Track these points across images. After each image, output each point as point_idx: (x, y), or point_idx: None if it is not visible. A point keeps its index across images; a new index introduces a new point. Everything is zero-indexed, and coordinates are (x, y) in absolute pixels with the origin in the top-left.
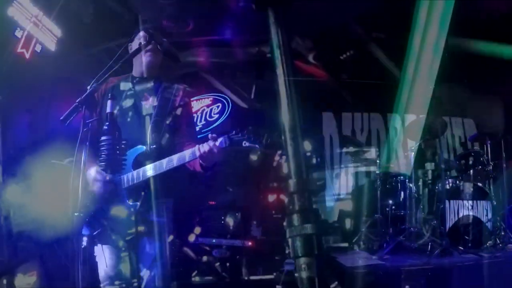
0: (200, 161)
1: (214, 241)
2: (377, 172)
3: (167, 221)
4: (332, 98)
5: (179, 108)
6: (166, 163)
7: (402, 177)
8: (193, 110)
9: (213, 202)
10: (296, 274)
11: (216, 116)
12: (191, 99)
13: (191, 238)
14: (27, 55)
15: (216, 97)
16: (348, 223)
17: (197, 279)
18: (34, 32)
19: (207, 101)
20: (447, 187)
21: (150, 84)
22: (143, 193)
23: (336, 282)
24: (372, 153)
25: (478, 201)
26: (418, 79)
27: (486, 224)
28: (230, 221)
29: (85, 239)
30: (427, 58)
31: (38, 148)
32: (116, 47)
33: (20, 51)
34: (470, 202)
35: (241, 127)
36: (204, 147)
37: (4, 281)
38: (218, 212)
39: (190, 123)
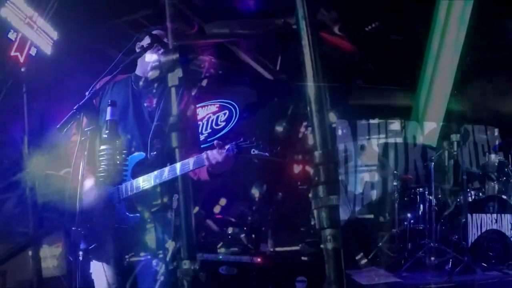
0: (209, 168)
1: (239, 212)
2: (395, 183)
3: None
4: (358, 69)
5: (183, 113)
6: (168, 172)
7: (421, 189)
8: (198, 117)
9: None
10: (321, 246)
11: (223, 124)
12: (197, 105)
13: (217, 209)
14: (21, 59)
15: (223, 103)
16: (373, 195)
17: (222, 250)
18: (29, 34)
19: (213, 107)
20: (469, 199)
21: (153, 86)
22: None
23: (362, 254)
24: (396, 124)
25: (503, 215)
26: (436, 82)
27: (511, 238)
28: (255, 192)
29: (81, 253)
30: (446, 61)
31: (61, 119)
32: (141, 19)
33: (14, 54)
34: (494, 215)
35: (249, 134)
36: (214, 154)
37: (30, 253)
38: (244, 183)
39: (195, 130)
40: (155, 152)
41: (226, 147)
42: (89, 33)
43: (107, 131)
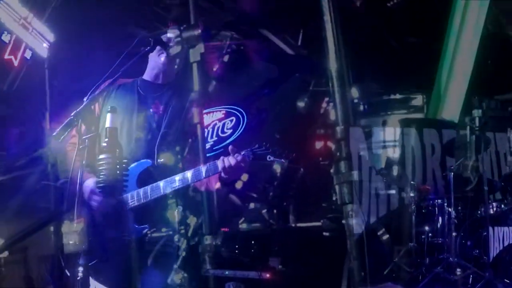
0: (223, 174)
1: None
2: (412, 194)
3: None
4: (380, 45)
5: (192, 119)
6: (179, 180)
7: (440, 201)
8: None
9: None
10: (343, 221)
11: (229, 131)
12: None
13: (238, 185)
14: (16, 62)
15: (229, 110)
16: (395, 170)
17: (244, 226)
18: (24, 36)
19: (219, 114)
20: (491, 211)
21: (161, 91)
22: None
23: (383, 229)
24: (419, 99)
25: None
26: (458, 57)
27: None
28: (277, 168)
29: (80, 269)
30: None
31: (83, 96)
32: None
33: (8, 57)
34: None
35: (264, 141)
36: (230, 161)
37: (52, 228)
38: (266, 160)
39: (202, 137)
40: (162, 160)
41: (242, 153)
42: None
43: (106, 139)
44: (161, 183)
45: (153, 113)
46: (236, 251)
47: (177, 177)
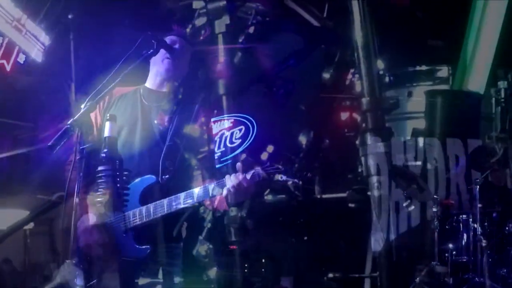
0: (231, 195)
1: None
2: (435, 209)
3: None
4: (405, 16)
5: (199, 132)
6: (184, 198)
7: (464, 216)
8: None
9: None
10: (368, 193)
11: (238, 141)
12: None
13: (264, 156)
14: (8, 67)
15: (238, 118)
16: (421, 141)
17: (269, 197)
18: (17, 39)
19: (228, 123)
20: None
21: (166, 100)
22: None
23: (409, 201)
24: (444, 71)
25: None
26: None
27: None
28: (303, 139)
29: None
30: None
31: (108, 68)
32: None
33: None
34: None
35: (275, 158)
36: (233, 181)
37: (76, 200)
38: (292, 129)
39: (211, 149)
40: (167, 176)
41: (251, 171)
42: None
43: (105, 150)
44: (165, 201)
45: (157, 125)
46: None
47: (183, 195)
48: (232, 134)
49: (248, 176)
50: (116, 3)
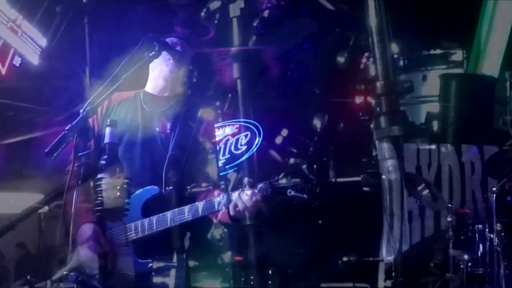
0: (235, 210)
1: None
2: (449, 219)
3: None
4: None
5: (204, 140)
6: (188, 212)
7: (480, 226)
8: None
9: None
10: (383, 176)
11: (244, 148)
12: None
13: (278, 140)
14: (3, 71)
15: (244, 124)
16: (435, 125)
17: (283, 181)
18: (12, 41)
19: (233, 128)
20: None
21: (168, 105)
22: None
23: (424, 184)
24: (459, 55)
25: None
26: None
27: None
28: (317, 123)
29: None
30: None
31: (123, 52)
32: None
33: None
34: None
35: (284, 172)
36: (241, 196)
37: (92, 183)
38: (306, 114)
39: (214, 160)
40: (171, 187)
41: (259, 186)
42: None
43: (105, 157)
44: (169, 214)
45: (159, 132)
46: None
47: (187, 208)
48: (237, 140)
49: (256, 190)
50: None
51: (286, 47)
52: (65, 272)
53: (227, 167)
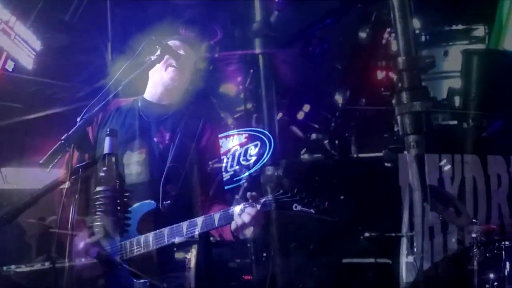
0: (236, 227)
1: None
2: (474, 235)
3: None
4: None
5: (205, 151)
6: (187, 228)
7: (508, 243)
8: (222, 150)
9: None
10: (405, 152)
11: (253, 158)
12: (219, 135)
13: (300, 115)
14: None
15: (253, 133)
16: (457, 101)
17: (305, 156)
18: (4, 43)
19: (241, 138)
20: None
21: (168, 114)
22: None
23: (447, 198)
24: (480, 30)
25: None
26: None
27: None
28: (339, 98)
29: None
30: None
31: (147, 26)
32: None
33: None
34: None
35: (290, 185)
36: (246, 210)
37: (113, 159)
38: (328, 90)
39: (218, 173)
40: (168, 201)
41: (262, 201)
42: None
43: (104, 168)
44: (166, 231)
45: (157, 143)
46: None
47: (185, 225)
48: (246, 150)
49: (259, 206)
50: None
51: (308, 22)
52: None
53: (235, 179)
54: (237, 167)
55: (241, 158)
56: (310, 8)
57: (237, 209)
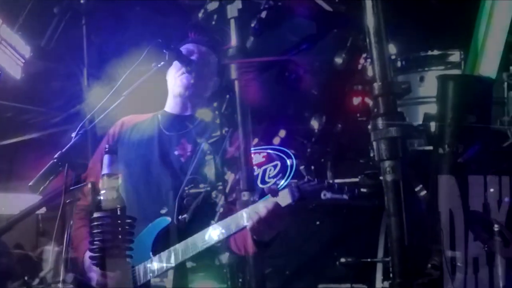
0: (257, 229)
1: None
2: None
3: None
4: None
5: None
6: (202, 241)
7: None
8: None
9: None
10: (381, 177)
11: (272, 181)
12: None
13: (276, 141)
14: None
15: (273, 152)
16: (433, 126)
17: (281, 181)
18: None
19: (259, 157)
20: None
21: (190, 126)
22: None
23: (421, 185)
24: (456, 56)
25: None
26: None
27: None
28: (315, 123)
29: None
30: None
31: (123, 53)
32: None
33: None
34: None
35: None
36: (260, 210)
37: (89, 185)
38: (304, 115)
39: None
40: (185, 216)
41: (283, 192)
42: None
43: (103, 191)
44: (182, 246)
45: (178, 156)
46: None
47: (199, 237)
48: (264, 172)
49: (281, 199)
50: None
51: (283, 48)
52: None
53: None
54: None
55: (259, 181)
56: (286, 33)
57: (260, 205)
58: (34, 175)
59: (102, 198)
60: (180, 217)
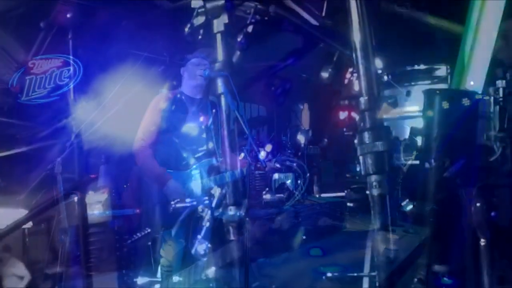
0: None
1: (284, 157)
2: None
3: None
4: (404, 16)
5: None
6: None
7: None
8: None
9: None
10: (367, 192)
11: (66, 80)
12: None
13: (262, 155)
14: None
15: (67, 59)
16: (419, 141)
17: (268, 196)
18: None
19: (57, 62)
20: None
21: (202, 104)
22: None
23: (407, 200)
24: (442, 70)
25: None
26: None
27: None
28: (301, 138)
29: None
30: None
31: (109, 68)
32: None
33: None
34: None
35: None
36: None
37: (75, 199)
38: (290, 130)
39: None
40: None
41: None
42: None
43: (98, 206)
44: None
45: (200, 123)
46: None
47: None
48: (61, 72)
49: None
50: (115, 4)
51: (270, 62)
52: None
53: (51, 95)
54: (53, 85)
55: (57, 79)
56: (272, 48)
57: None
58: (20, 189)
59: (88, 212)
60: (217, 159)
